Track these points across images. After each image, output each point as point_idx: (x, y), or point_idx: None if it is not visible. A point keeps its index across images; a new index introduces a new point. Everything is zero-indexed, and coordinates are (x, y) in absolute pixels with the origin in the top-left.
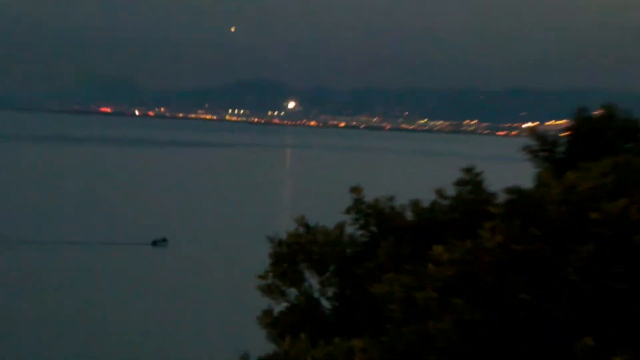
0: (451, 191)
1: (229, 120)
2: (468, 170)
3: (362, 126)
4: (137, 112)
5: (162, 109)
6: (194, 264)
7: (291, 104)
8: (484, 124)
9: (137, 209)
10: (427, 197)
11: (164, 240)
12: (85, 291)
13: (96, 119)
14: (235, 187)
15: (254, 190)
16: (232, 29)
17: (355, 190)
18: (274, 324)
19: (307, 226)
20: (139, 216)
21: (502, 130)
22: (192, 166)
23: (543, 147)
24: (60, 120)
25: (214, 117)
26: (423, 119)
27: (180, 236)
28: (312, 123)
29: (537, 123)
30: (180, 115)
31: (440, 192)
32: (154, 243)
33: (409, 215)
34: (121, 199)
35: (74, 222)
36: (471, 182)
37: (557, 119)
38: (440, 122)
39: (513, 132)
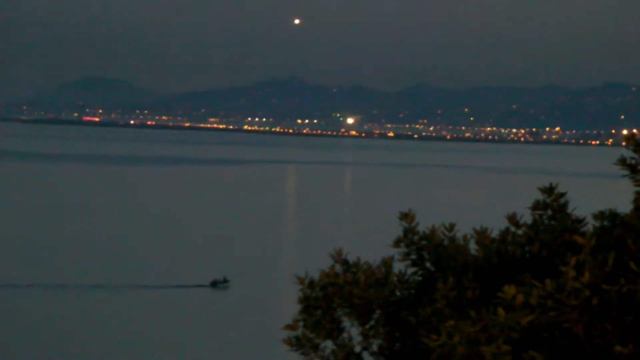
0: (527, 218)
1: (247, 130)
2: (549, 190)
3: (416, 136)
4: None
5: (165, 117)
6: (260, 309)
7: (350, 120)
8: (570, 132)
9: (189, 244)
10: (496, 225)
11: (225, 280)
12: (133, 339)
13: (78, 129)
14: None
15: (318, 215)
16: (296, 22)
17: (405, 217)
18: None
19: (345, 262)
20: (192, 252)
21: (593, 138)
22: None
23: None
24: (34, 132)
25: (230, 127)
26: (492, 126)
27: (244, 275)
28: (353, 133)
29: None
30: (187, 124)
31: (513, 219)
32: (213, 284)
33: (473, 248)
34: (166, 231)
35: (113, 261)
36: (553, 205)
37: None
38: (514, 130)
39: (608, 141)
